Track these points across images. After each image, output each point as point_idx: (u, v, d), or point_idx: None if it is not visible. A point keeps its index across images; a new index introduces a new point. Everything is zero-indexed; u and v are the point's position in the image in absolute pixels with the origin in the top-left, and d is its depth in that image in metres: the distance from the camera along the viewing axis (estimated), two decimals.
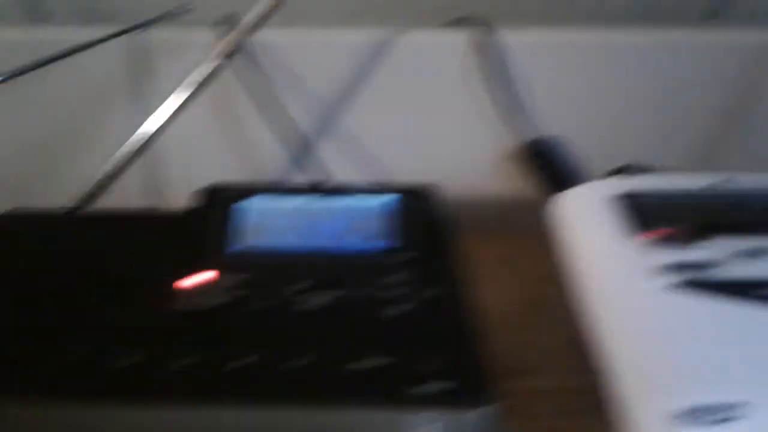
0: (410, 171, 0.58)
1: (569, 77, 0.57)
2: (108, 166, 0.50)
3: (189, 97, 0.51)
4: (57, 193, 0.58)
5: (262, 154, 0.58)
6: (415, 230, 0.41)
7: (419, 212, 0.42)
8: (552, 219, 0.46)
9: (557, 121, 0.57)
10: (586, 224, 0.44)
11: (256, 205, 0.44)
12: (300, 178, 0.58)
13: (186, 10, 0.56)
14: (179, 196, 0.58)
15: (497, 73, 0.56)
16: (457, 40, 0.56)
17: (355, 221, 0.42)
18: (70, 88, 0.56)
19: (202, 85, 0.51)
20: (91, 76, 0.56)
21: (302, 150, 0.56)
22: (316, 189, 0.45)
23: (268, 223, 0.42)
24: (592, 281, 0.40)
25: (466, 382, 0.30)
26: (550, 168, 0.57)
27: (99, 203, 0.51)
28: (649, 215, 0.42)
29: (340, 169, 0.56)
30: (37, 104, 0.57)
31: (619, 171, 0.54)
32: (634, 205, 0.43)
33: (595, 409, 0.40)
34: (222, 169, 0.58)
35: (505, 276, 0.51)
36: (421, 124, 0.58)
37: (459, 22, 0.56)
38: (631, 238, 0.41)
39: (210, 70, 0.50)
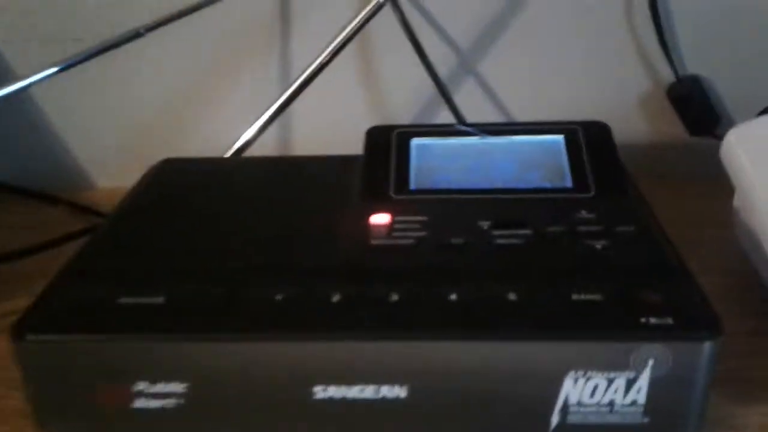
0: (548, 116, 0.57)
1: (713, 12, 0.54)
2: (259, 120, 0.49)
3: (338, 48, 0.49)
4: (200, 144, 0.59)
5: (396, 101, 0.58)
6: (594, 168, 0.40)
7: (596, 149, 0.41)
8: (726, 153, 0.45)
9: (702, 60, 0.55)
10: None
11: (425, 145, 0.43)
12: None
13: None
14: (313, 146, 0.59)
15: (640, 9, 0.54)
16: None
17: (530, 159, 0.42)
18: (215, 35, 0.56)
19: (352, 35, 0.49)
20: (235, 23, 0.56)
21: (438, 96, 0.55)
22: (482, 129, 0.44)
23: (440, 163, 0.42)
24: None
25: (694, 315, 0.30)
26: (696, 109, 0.55)
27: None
28: None
29: (478, 115, 0.55)
30: (178, 56, 0.57)
31: None
32: None
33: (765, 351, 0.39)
34: (357, 117, 0.58)
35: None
36: (559, 65, 0.56)
37: None
38: None
39: (360, 21, 0.49)
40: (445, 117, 0.54)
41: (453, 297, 0.31)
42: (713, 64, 0.55)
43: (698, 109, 0.55)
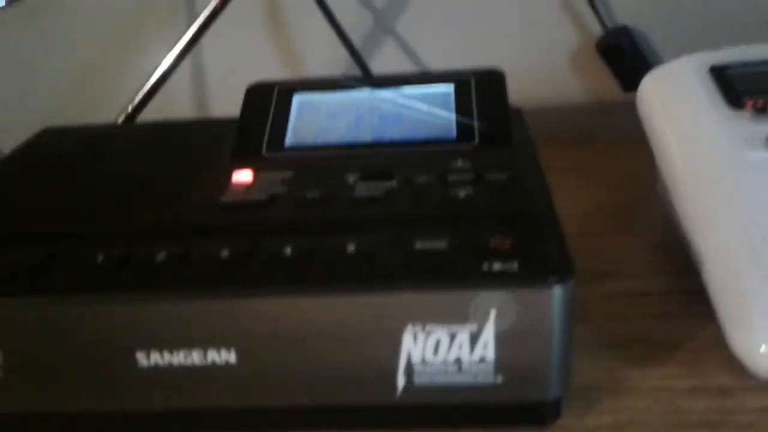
0: None
1: None
2: (151, 78, 0.47)
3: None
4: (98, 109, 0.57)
5: (304, 54, 0.55)
6: (482, 117, 0.37)
7: (487, 98, 0.38)
8: (641, 101, 0.41)
9: (629, 9, 0.52)
10: (681, 98, 0.39)
11: (301, 101, 0.40)
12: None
13: None
14: (224, 106, 0.56)
15: None
16: None
17: (417, 111, 0.38)
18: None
19: None
20: None
21: (345, 49, 0.52)
22: (365, 81, 0.41)
23: (323, 119, 0.39)
24: (691, 156, 0.35)
25: (544, 259, 0.26)
26: (628, 62, 0.52)
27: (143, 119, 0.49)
28: (745, 86, 0.37)
29: (386, 68, 0.52)
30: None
31: None
32: (727, 77, 0.38)
33: (678, 312, 0.36)
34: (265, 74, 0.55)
35: (577, 183, 0.47)
36: (478, 20, 0.53)
37: None
38: (730, 110, 0.36)
39: None
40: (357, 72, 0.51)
41: (287, 251, 0.28)
42: (645, 13, 0.51)
43: (630, 62, 0.51)
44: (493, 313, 0.26)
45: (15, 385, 0.28)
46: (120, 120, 0.48)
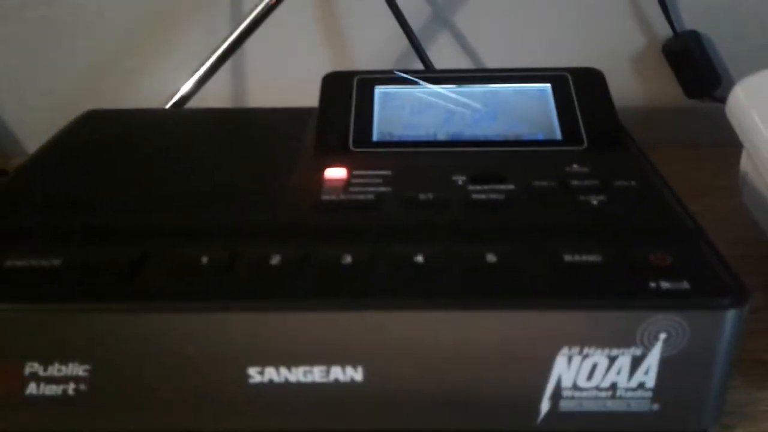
0: None
1: None
2: (202, 67, 0.43)
3: None
4: (143, 100, 0.53)
5: (361, 51, 0.52)
6: (587, 118, 0.35)
7: (588, 98, 0.36)
8: (733, 109, 0.39)
9: (702, 14, 0.50)
10: None
11: (391, 93, 0.37)
12: None
13: None
14: (270, 98, 0.53)
15: None
16: None
17: (512, 109, 0.36)
18: None
19: None
20: None
21: (408, 50, 0.49)
22: (458, 75, 0.38)
23: (408, 114, 0.36)
24: None
25: (714, 279, 0.24)
26: (694, 68, 0.50)
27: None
28: None
29: (444, 65, 0.49)
30: None
31: None
32: None
33: None
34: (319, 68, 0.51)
35: None
36: (540, 17, 0.51)
37: None
38: None
39: None
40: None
41: (419, 259, 0.25)
42: (714, 19, 0.49)
43: (697, 68, 0.50)
44: (662, 337, 0.23)
45: (105, 401, 0.25)
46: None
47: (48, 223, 0.29)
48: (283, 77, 0.51)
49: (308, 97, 0.39)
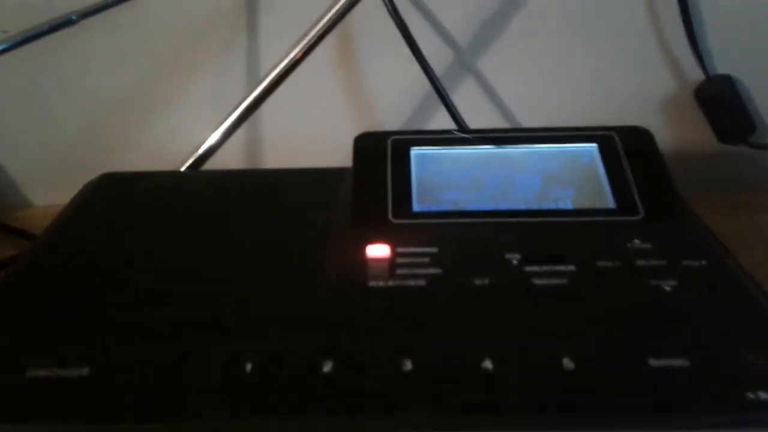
0: (561, 122, 0.50)
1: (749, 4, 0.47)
2: (221, 126, 0.40)
3: (313, 41, 0.41)
4: (151, 154, 0.51)
5: (383, 104, 0.50)
6: (639, 183, 0.32)
7: (639, 160, 0.34)
8: None
9: (735, 58, 0.48)
10: None
11: (428, 156, 0.35)
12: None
13: None
14: (286, 157, 0.51)
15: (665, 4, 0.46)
16: None
17: (557, 173, 0.34)
18: (168, 24, 0.47)
19: (330, 26, 0.41)
20: (193, 10, 0.47)
21: (431, 99, 0.46)
22: (495, 136, 0.36)
23: (447, 178, 0.34)
24: None
25: None
26: (727, 113, 0.48)
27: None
28: None
29: (478, 121, 0.47)
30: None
31: None
32: None
33: None
34: (341, 123, 0.49)
35: None
36: (569, 61, 0.49)
37: None
38: None
39: (341, 7, 0.40)
40: (441, 122, 0.46)
41: (487, 366, 0.23)
42: (748, 63, 0.48)
43: (730, 114, 0.48)
44: None
45: None
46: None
47: (71, 318, 0.26)
48: (303, 129, 0.49)
49: (330, 152, 0.37)
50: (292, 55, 0.39)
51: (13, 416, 0.22)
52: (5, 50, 0.38)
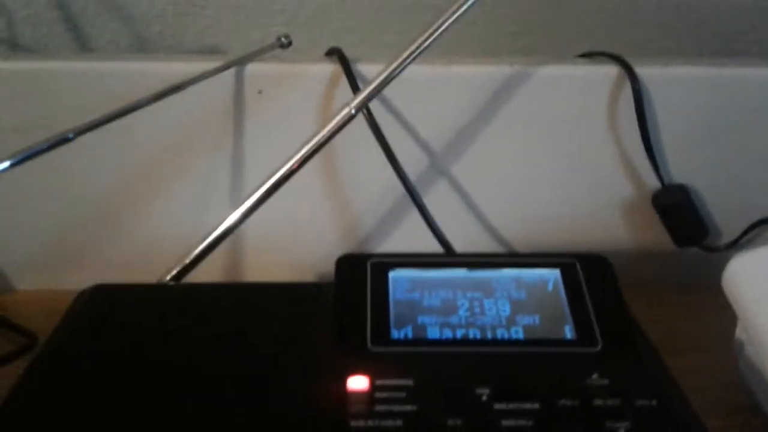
0: (529, 222, 0.53)
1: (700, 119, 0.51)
2: (208, 237, 0.42)
3: (301, 162, 0.43)
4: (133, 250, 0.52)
5: (361, 214, 0.52)
6: (598, 313, 0.35)
7: (597, 289, 0.37)
8: (729, 281, 0.41)
9: (688, 167, 0.52)
10: None
11: (400, 280, 0.37)
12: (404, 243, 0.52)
13: (284, 44, 0.49)
14: (265, 269, 0.53)
15: (625, 114, 0.50)
16: (582, 73, 0.50)
17: (524, 299, 0.36)
18: (153, 137, 0.50)
19: (318, 148, 0.43)
20: (178, 123, 0.49)
21: (408, 208, 0.49)
22: (466, 259, 0.39)
23: (422, 302, 0.36)
24: None
25: None
26: (683, 220, 0.51)
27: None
28: None
29: (453, 224, 0.50)
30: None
31: None
32: None
33: None
34: (317, 232, 0.52)
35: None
36: (537, 171, 0.52)
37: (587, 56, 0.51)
38: None
39: (331, 129, 0.42)
40: (418, 224, 0.48)
41: None
42: (700, 172, 0.51)
43: (685, 220, 0.51)
44: None
45: None
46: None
47: None
48: (283, 241, 0.51)
49: (310, 260, 0.39)
50: (279, 173, 0.42)
51: None
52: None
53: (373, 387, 0.31)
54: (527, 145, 0.51)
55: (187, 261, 0.41)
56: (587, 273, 0.37)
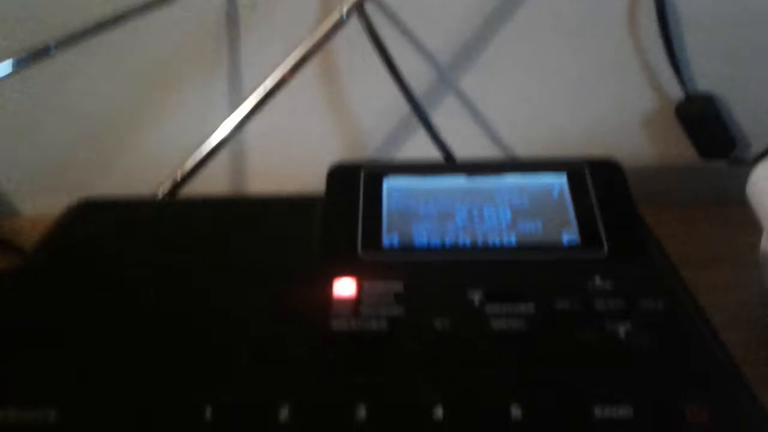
0: (543, 139, 0.50)
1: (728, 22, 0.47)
2: (201, 149, 0.41)
3: (294, 68, 0.41)
4: (135, 169, 0.51)
5: (365, 129, 0.50)
6: (606, 218, 0.33)
7: (607, 194, 0.34)
8: (754, 187, 0.38)
9: (714, 76, 0.48)
10: None
11: (395, 188, 0.35)
12: (409, 156, 0.50)
13: None
14: (270, 181, 0.51)
15: (646, 17, 0.46)
16: None
17: (526, 205, 0.34)
18: (153, 46, 0.48)
19: (309, 55, 0.41)
20: (176, 31, 0.47)
21: (414, 118, 0.47)
22: (468, 165, 0.36)
23: (418, 210, 0.34)
24: None
25: None
26: (708, 131, 0.48)
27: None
28: None
29: (460, 139, 0.47)
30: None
31: None
32: None
33: None
34: (320, 146, 0.50)
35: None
36: (552, 80, 0.49)
37: None
38: None
39: (322, 35, 0.40)
40: (423, 140, 0.46)
41: (438, 415, 0.23)
42: (727, 81, 0.48)
43: (711, 131, 0.48)
44: None
45: None
46: (160, 194, 0.42)
47: (41, 357, 0.27)
48: (284, 153, 0.49)
49: (312, 174, 0.37)
50: (277, 77, 0.40)
51: None
52: None
53: (361, 291, 0.30)
54: (544, 55, 0.48)
55: (179, 176, 0.40)
56: (596, 177, 0.35)
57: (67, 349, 0.28)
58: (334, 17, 0.40)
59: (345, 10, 0.40)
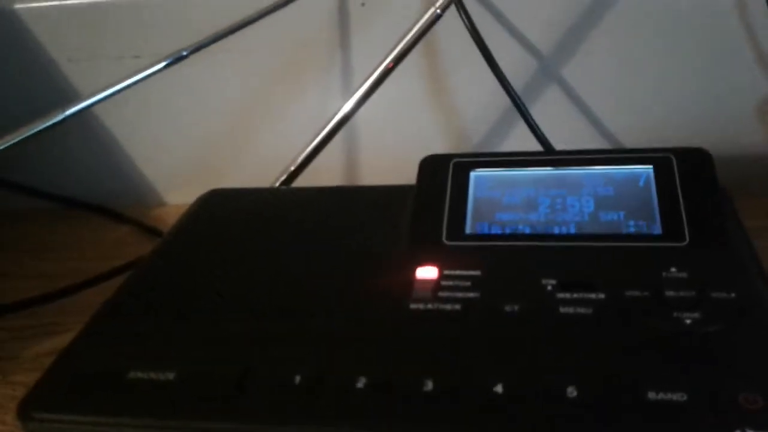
0: (643, 130, 0.50)
1: None
2: (313, 141, 0.45)
3: (396, 60, 0.44)
4: (265, 159, 0.56)
5: (465, 122, 0.52)
6: (690, 209, 0.33)
7: (693, 184, 0.34)
8: None
9: None
10: None
11: (481, 179, 0.37)
12: (511, 148, 0.52)
13: None
14: (374, 172, 0.55)
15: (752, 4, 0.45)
16: None
17: (610, 197, 0.35)
18: (275, 47, 0.52)
19: (408, 48, 0.44)
20: (293, 35, 0.52)
21: (515, 115, 0.48)
22: (546, 158, 0.38)
23: (503, 200, 0.36)
24: None
25: None
26: None
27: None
28: None
29: (559, 130, 0.48)
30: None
31: None
32: None
33: None
34: (421, 138, 0.53)
35: None
36: (656, 69, 0.48)
37: None
38: None
39: (420, 29, 0.43)
40: (524, 134, 0.47)
41: (498, 389, 0.26)
42: None
43: None
44: None
45: None
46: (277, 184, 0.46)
47: (168, 329, 0.32)
48: (392, 143, 0.52)
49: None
50: (381, 68, 0.43)
51: (113, 410, 0.27)
52: (135, 83, 0.44)
53: (441, 276, 0.32)
54: (639, 44, 0.47)
55: (293, 167, 0.45)
56: (683, 167, 0.35)
57: (192, 319, 0.32)
58: (430, 12, 0.42)
59: (439, 2, 0.42)
